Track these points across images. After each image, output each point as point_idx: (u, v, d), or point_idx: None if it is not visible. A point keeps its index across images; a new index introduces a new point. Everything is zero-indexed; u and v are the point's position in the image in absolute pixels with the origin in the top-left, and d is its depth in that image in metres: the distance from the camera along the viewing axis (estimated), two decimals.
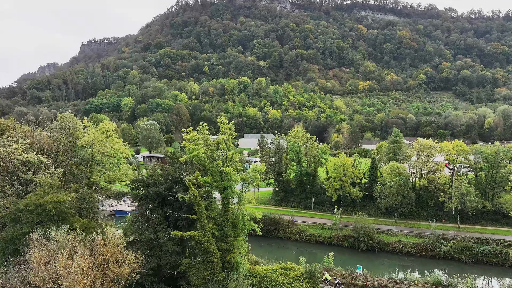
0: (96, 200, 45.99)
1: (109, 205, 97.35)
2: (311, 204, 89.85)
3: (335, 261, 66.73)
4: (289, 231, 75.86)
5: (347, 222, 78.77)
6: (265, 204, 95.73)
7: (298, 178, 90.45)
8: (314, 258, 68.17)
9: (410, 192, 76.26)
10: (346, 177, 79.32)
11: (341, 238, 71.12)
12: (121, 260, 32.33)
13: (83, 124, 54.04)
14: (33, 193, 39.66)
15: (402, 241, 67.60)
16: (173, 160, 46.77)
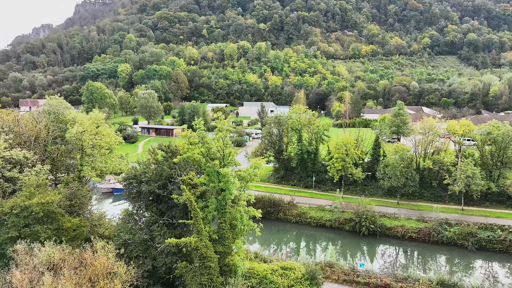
0: (87, 194, 43.71)
1: (107, 182, 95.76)
2: (312, 183, 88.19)
3: (336, 245, 66.08)
4: (290, 213, 74.57)
5: (348, 203, 77.35)
6: (265, 181, 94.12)
7: (299, 156, 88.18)
8: (314, 242, 67.36)
9: (414, 174, 74.22)
10: (348, 157, 76.98)
11: (342, 221, 69.86)
12: (112, 273, 30.53)
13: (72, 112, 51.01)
14: (18, 194, 37.38)
15: (404, 226, 66.32)
16: (167, 154, 44.19)
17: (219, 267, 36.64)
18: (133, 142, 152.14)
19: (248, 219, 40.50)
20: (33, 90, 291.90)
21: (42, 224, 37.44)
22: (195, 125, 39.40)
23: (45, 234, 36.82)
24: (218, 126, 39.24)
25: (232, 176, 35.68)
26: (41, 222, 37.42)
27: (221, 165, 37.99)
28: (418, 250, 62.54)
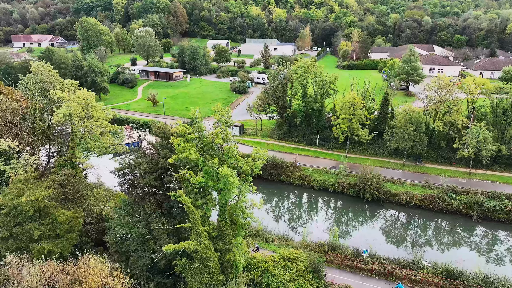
0: (82, 180, 41.64)
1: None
2: (316, 140, 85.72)
3: (338, 211, 65.46)
4: (293, 175, 73.11)
5: (353, 164, 75.61)
6: (268, 137, 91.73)
7: (303, 113, 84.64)
8: (317, 208, 66.68)
9: (423, 137, 71.30)
10: (355, 118, 73.52)
11: (346, 186, 68.51)
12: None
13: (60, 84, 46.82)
14: (6, 191, 35.29)
15: (409, 193, 65.03)
16: (162, 139, 41.20)
17: (219, 263, 35.66)
18: (131, 87, 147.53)
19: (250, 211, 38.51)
20: (25, 24, 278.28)
21: (34, 220, 35.88)
22: (192, 115, 35.87)
23: (38, 231, 35.46)
24: (216, 118, 35.69)
25: (232, 175, 33.06)
26: (33, 219, 35.83)
27: (220, 162, 35.23)
28: (422, 219, 61.87)
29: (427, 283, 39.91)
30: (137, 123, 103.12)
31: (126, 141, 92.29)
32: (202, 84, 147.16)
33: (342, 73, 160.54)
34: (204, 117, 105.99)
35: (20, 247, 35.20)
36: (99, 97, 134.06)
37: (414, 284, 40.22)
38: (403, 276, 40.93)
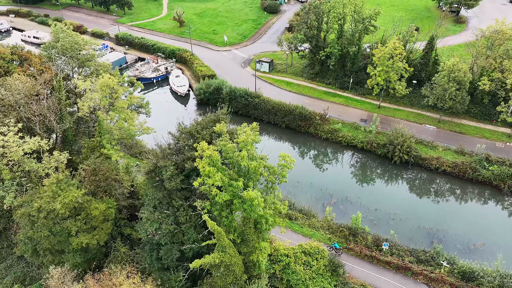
0: (112, 166, 42.64)
1: (134, 70, 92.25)
2: (348, 84, 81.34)
3: (364, 171, 65.42)
4: (321, 128, 71.52)
5: (386, 118, 72.73)
6: (298, 76, 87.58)
7: (338, 56, 78.78)
8: (343, 168, 66.51)
9: (465, 96, 66.23)
10: (393, 71, 68.09)
11: (375, 145, 66.97)
12: None
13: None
14: (42, 193, 36.94)
15: (440, 158, 63.17)
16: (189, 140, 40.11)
17: (243, 264, 37.82)
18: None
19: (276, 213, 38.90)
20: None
21: (70, 217, 38.18)
22: (219, 144, 34.05)
23: (75, 227, 38.00)
24: (242, 138, 33.80)
25: (257, 198, 32.71)
26: (69, 216, 38.08)
27: (245, 181, 34.63)
28: (449, 188, 61.14)
29: (442, 281, 41.41)
30: (163, 51, 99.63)
31: (152, 74, 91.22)
32: None
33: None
34: (232, 44, 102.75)
35: (60, 240, 38.28)
36: (123, 12, 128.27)
37: (430, 281, 41.88)
38: (419, 272, 42.47)
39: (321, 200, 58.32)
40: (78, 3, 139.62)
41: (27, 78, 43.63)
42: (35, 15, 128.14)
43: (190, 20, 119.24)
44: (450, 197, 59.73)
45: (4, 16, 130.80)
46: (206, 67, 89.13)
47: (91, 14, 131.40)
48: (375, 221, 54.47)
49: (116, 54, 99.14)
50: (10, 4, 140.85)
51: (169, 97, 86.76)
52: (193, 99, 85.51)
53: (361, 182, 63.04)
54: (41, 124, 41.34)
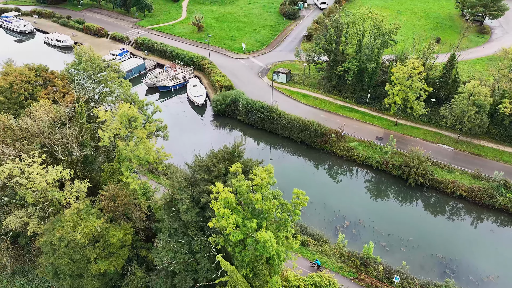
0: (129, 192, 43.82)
1: (153, 78, 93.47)
2: (366, 99, 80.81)
3: (378, 191, 65.31)
4: (336, 145, 71.47)
5: (402, 136, 72.21)
6: (315, 88, 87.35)
7: (356, 73, 78.23)
8: (357, 189, 66.43)
9: (485, 119, 65.19)
10: (411, 91, 67.39)
11: (391, 166, 66.68)
12: None
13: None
14: (63, 222, 38.42)
15: (456, 182, 62.48)
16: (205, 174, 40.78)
17: None
18: (176, 1, 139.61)
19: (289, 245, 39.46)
20: None
21: (90, 245, 39.65)
22: (234, 185, 34.64)
23: (94, 255, 39.50)
24: (256, 182, 34.32)
25: (270, 239, 33.35)
26: (88, 244, 39.54)
27: (259, 220, 35.28)
28: (464, 213, 60.64)
29: None
30: (181, 58, 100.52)
31: (171, 82, 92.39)
32: (250, 0, 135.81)
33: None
34: (250, 52, 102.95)
35: (80, 266, 39.87)
36: (143, 14, 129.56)
37: None
38: None
39: (334, 223, 58.69)
40: (100, 4, 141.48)
41: (50, 104, 45.00)
42: (58, 16, 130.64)
43: (209, 24, 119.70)
44: (465, 224, 59.30)
45: (28, 16, 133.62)
46: (224, 77, 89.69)
47: (111, 16, 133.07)
48: (387, 247, 54.62)
49: (135, 61, 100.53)
50: (34, 4, 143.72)
51: (186, 106, 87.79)
52: (210, 109, 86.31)
53: (375, 204, 63.00)
54: (63, 149, 42.75)
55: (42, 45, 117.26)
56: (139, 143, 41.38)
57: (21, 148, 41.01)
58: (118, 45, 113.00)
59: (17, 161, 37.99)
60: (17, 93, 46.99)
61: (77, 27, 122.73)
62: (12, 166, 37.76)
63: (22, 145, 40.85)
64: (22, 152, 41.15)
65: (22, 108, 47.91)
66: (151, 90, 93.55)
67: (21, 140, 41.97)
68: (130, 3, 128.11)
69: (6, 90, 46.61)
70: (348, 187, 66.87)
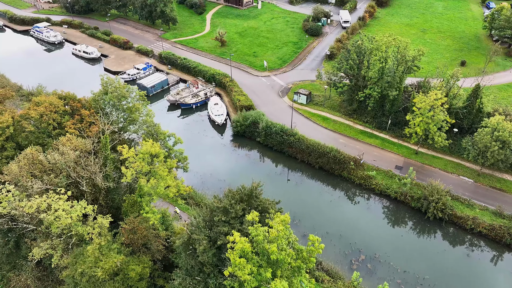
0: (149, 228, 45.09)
1: (175, 95, 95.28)
2: (386, 125, 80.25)
3: (396, 223, 64.70)
4: (354, 173, 71.29)
5: (423, 166, 71.45)
6: (335, 111, 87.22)
7: (377, 99, 77.79)
8: (373, 214, 65.96)
9: (509, 155, 63.84)
10: (433, 123, 66.67)
11: (409, 198, 66.08)
12: None
13: None
14: (86, 257, 39.96)
15: (476, 218, 61.46)
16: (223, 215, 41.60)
17: None
18: (200, 13, 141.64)
19: None
20: None
21: (109, 280, 41.08)
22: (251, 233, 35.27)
23: None
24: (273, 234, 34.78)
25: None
26: (108, 278, 40.97)
27: (273, 269, 35.82)
28: (484, 251, 59.58)
29: None
30: (204, 74, 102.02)
31: (192, 100, 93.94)
32: (273, 15, 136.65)
33: (435, 3, 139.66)
34: (271, 70, 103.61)
35: None
36: (168, 27, 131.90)
37: None
38: None
39: (350, 256, 58.69)
40: (126, 15, 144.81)
41: (77, 136, 46.77)
42: (86, 27, 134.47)
43: (232, 39, 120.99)
44: (484, 263, 58.27)
45: (58, 26, 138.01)
46: (245, 96, 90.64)
47: (137, 27, 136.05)
48: (402, 284, 54.30)
49: (158, 76, 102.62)
50: (64, 14, 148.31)
51: (206, 125, 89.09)
52: (230, 129, 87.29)
53: (391, 237, 62.59)
54: (87, 182, 44.40)
55: (70, 55, 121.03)
56: (160, 180, 42.58)
57: (48, 181, 42.82)
58: (142, 58, 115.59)
59: (44, 197, 39.76)
60: (46, 123, 49.00)
61: (104, 38, 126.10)
62: (40, 201, 39.59)
63: (49, 178, 42.66)
64: (49, 184, 42.97)
65: (50, 137, 49.94)
66: (172, 107, 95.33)
67: (48, 173, 43.84)
68: (155, 16, 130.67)
69: (36, 120, 48.71)
70: (365, 217, 66.59)
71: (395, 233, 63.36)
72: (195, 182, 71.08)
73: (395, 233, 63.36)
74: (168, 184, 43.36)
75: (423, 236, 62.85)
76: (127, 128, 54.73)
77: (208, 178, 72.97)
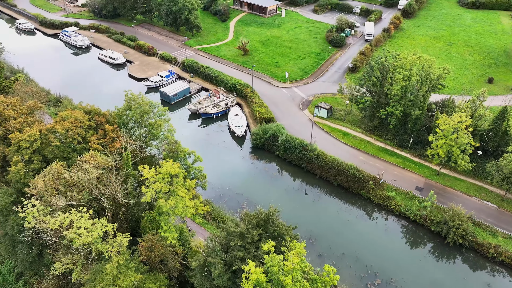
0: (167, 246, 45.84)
1: (196, 104, 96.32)
2: (408, 143, 78.96)
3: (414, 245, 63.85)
4: (373, 192, 70.46)
5: (444, 188, 70.03)
6: (356, 126, 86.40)
7: (399, 117, 76.67)
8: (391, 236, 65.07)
9: None
10: (456, 146, 65.27)
11: (429, 221, 64.85)
12: None
13: None
14: (105, 275, 40.96)
15: (498, 247, 59.85)
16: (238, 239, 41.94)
17: None
18: (224, 20, 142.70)
19: None
20: None
21: None
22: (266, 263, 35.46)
23: None
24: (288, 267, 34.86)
25: None
26: None
27: None
28: (504, 284, 57.91)
29: None
30: (225, 84, 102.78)
31: (213, 110, 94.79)
32: (297, 23, 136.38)
33: (463, 14, 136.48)
34: (292, 81, 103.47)
35: None
36: (192, 34, 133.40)
37: None
38: None
39: (365, 279, 58.06)
40: (151, 21, 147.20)
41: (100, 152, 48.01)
42: (112, 31, 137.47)
43: (254, 48, 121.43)
44: None
45: (86, 30, 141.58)
46: (265, 108, 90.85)
47: (162, 33, 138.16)
48: None
49: (180, 84, 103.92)
50: (92, 18, 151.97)
51: (226, 136, 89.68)
52: (249, 140, 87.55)
53: (409, 260, 61.53)
54: (108, 199, 45.51)
55: (96, 60, 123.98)
56: (179, 201, 43.24)
57: (71, 197, 44.10)
58: (166, 65, 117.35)
59: (67, 214, 41.02)
60: (72, 138, 50.46)
61: (129, 44, 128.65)
62: (62, 218, 40.84)
63: (72, 194, 43.95)
64: (72, 200, 44.26)
65: (74, 151, 51.39)
66: (193, 115, 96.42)
67: (72, 188, 45.16)
68: (180, 23, 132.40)
69: (62, 135, 50.21)
70: (382, 238, 65.67)
71: (413, 257, 62.26)
72: (213, 195, 71.71)
73: (413, 257, 62.26)
74: (186, 205, 43.94)
75: (442, 261, 61.56)
76: (148, 143, 55.79)
77: (226, 191, 73.47)
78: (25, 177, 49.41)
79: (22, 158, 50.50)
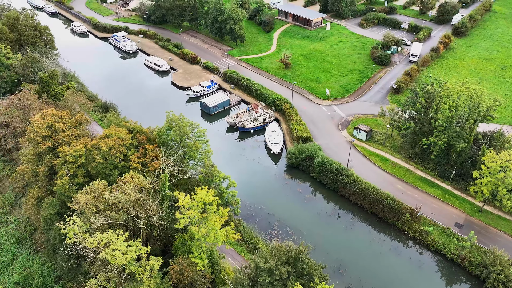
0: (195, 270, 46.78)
1: (235, 117, 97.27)
2: (450, 175, 75.76)
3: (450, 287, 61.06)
4: (409, 225, 68.20)
5: (487, 227, 66.65)
6: (395, 152, 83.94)
7: (442, 148, 73.67)
8: (425, 276, 62.78)
9: None
10: (503, 185, 61.89)
11: (467, 262, 61.93)
12: None
13: None
14: None
15: None
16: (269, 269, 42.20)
17: None
18: (268, 31, 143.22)
19: None
20: None
21: None
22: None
23: None
24: None
25: None
26: None
27: None
28: None
29: None
30: (265, 98, 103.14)
31: (251, 124, 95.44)
32: (341, 38, 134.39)
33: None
34: (333, 99, 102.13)
35: None
36: (235, 43, 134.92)
37: None
38: None
39: None
40: (197, 28, 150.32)
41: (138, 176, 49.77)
42: (159, 38, 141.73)
43: (296, 61, 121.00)
44: None
45: (134, 35, 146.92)
46: (303, 126, 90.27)
47: (206, 41, 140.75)
48: None
49: (221, 96, 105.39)
50: (141, 23, 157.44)
51: (262, 152, 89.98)
52: (285, 159, 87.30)
53: None
54: (144, 221, 47.08)
55: (142, 65, 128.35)
56: (211, 231, 44.00)
57: (110, 216, 46.01)
58: (208, 74, 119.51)
59: (105, 234, 42.86)
60: (114, 156, 52.63)
61: (174, 51, 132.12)
62: (100, 238, 42.72)
63: (110, 214, 45.87)
64: (110, 219, 46.16)
65: (115, 168, 53.59)
66: (231, 128, 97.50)
67: (111, 207, 47.13)
68: (224, 32, 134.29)
69: (105, 152, 52.49)
70: (416, 275, 63.39)
71: None
72: (245, 213, 72.10)
73: None
74: (218, 233, 44.63)
75: None
76: (185, 163, 57.11)
77: (259, 211, 73.70)
78: (69, 190, 52.15)
79: (68, 172, 53.29)
